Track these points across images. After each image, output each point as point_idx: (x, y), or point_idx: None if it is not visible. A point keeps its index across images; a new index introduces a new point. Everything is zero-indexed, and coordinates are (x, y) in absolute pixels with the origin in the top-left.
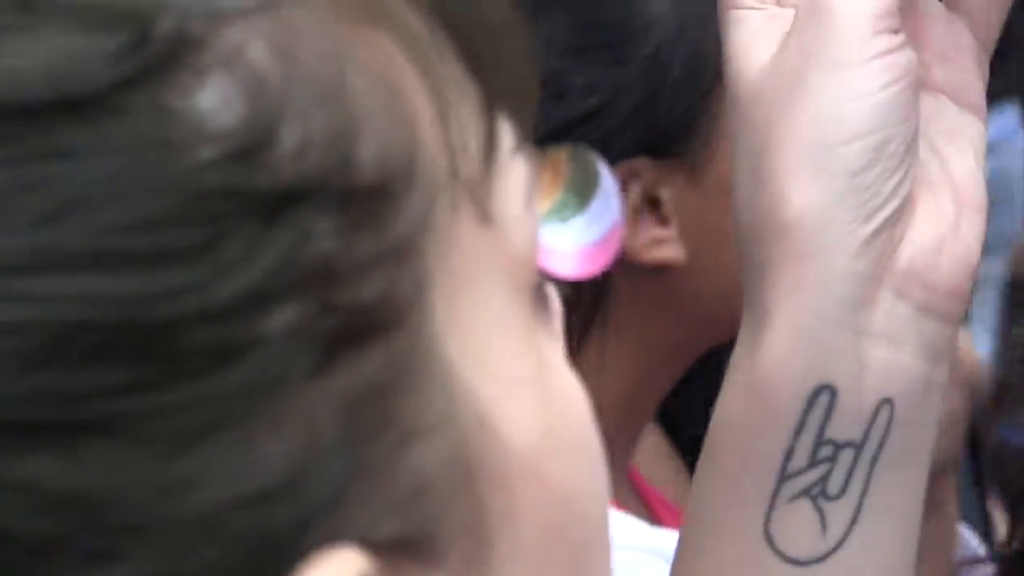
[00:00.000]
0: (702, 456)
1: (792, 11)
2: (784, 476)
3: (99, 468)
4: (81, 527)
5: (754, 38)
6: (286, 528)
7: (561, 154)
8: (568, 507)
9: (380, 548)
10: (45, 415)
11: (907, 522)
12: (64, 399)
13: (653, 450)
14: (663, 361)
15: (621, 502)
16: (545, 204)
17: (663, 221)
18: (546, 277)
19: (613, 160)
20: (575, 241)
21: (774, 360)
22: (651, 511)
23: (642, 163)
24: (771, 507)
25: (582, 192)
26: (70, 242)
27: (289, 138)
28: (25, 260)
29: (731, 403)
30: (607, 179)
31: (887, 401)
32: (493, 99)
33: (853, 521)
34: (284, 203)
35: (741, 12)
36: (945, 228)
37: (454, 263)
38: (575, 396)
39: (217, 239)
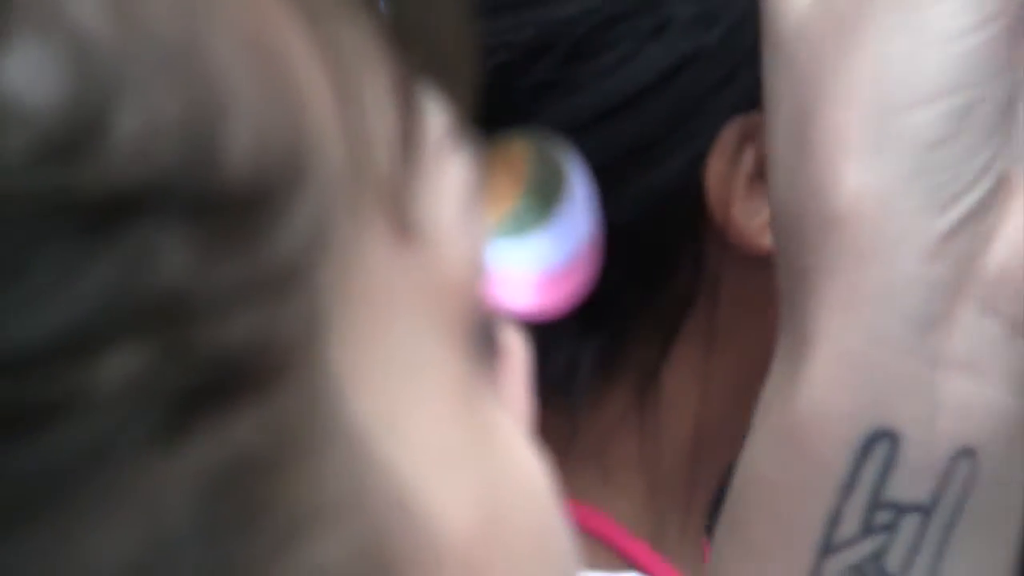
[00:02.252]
0: (722, 522)
1: None
2: (829, 548)
3: None
4: None
5: None
6: None
7: (520, 147)
8: None
9: None
10: None
11: None
12: None
13: None
14: (761, 377)
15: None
16: (497, 214)
17: None
18: (495, 314)
19: (722, 117)
20: (533, 264)
21: (816, 398)
22: None
23: (760, 119)
24: None
25: (546, 199)
26: None
27: (127, 123)
28: None
29: (760, 455)
30: (579, 182)
31: (967, 451)
32: (416, 74)
33: None
34: (117, 212)
35: None
36: None
37: (359, 293)
38: (531, 474)
39: (22, 262)
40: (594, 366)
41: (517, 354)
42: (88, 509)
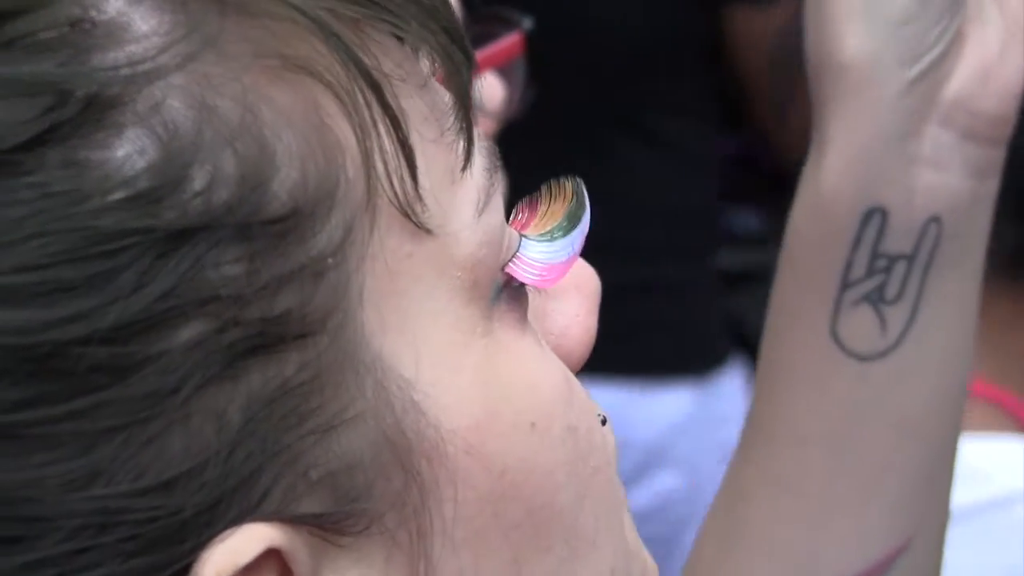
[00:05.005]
0: (781, 263)
1: None
2: (846, 284)
3: (11, 468)
4: None
5: None
6: (189, 513)
7: (568, 186)
8: (515, 478)
9: (302, 521)
10: None
11: (961, 320)
12: None
13: None
14: None
15: None
16: (549, 224)
17: None
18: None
19: None
20: (550, 257)
21: (832, 184)
22: None
23: None
24: (836, 310)
25: (573, 220)
26: None
27: (199, 178)
28: None
29: (799, 219)
30: (587, 211)
31: (935, 219)
32: (407, 133)
33: (910, 322)
34: (181, 237)
35: None
36: (991, 59)
37: (381, 271)
38: (537, 381)
39: (110, 272)
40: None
41: (587, 283)
42: (169, 420)
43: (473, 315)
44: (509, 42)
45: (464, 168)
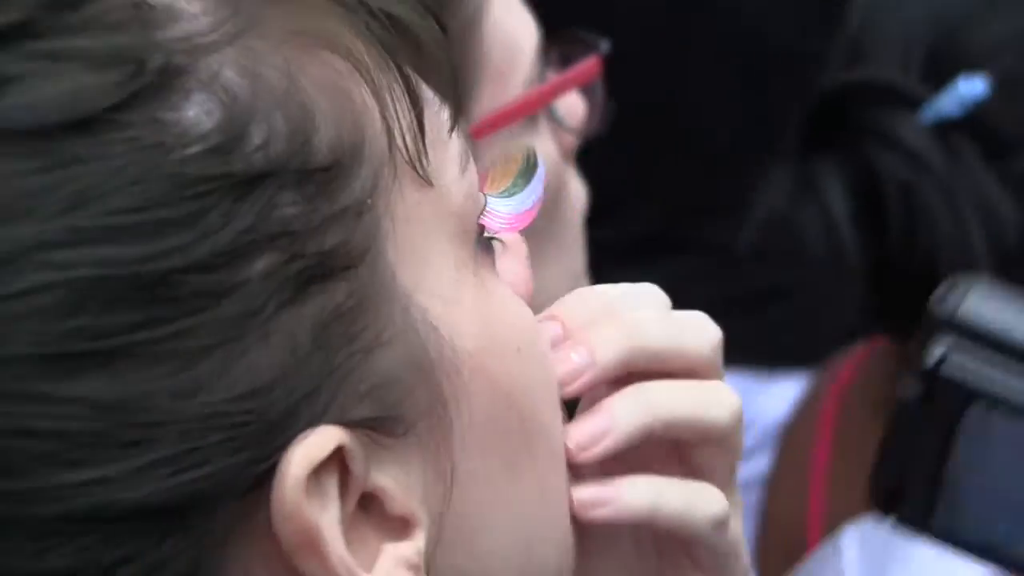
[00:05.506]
0: None
1: None
2: None
3: (129, 382)
4: (118, 425)
5: None
6: (275, 416)
7: (520, 147)
8: (511, 393)
9: (356, 425)
10: (84, 347)
11: None
12: (96, 335)
13: None
14: None
15: None
16: (505, 183)
17: None
18: (489, 232)
19: None
20: (512, 209)
21: None
22: None
23: None
24: None
25: (526, 177)
26: (88, 223)
27: (257, 134)
28: (58, 238)
29: None
30: (541, 169)
31: None
32: (421, 100)
33: None
34: (253, 182)
35: None
36: None
37: (400, 215)
38: (516, 315)
39: (200, 212)
40: None
41: (518, 246)
42: (254, 339)
43: (466, 257)
44: (590, 63)
45: (451, 130)
